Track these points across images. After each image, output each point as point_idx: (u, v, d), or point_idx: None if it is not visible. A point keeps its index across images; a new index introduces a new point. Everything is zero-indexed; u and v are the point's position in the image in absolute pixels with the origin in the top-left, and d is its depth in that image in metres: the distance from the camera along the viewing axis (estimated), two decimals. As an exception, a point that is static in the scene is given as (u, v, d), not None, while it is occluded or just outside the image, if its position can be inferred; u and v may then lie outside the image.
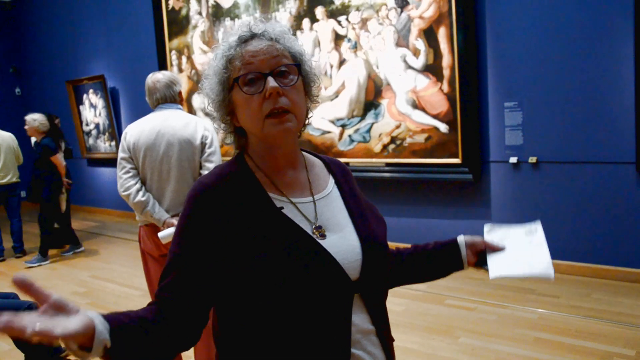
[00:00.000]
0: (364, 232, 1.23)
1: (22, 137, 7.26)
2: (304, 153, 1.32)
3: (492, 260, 1.42)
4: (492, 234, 1.51)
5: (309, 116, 1.28)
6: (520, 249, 1.43)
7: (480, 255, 1.45)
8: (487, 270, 1.41)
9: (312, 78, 1.25)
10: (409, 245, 1.51)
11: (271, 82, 1.13)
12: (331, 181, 1.31)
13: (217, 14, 7.01)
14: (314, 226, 1.18)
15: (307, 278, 1.09)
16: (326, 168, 1.35)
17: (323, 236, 1.17)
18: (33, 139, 7.01)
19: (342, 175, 1.35)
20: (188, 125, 3.05)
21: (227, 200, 1.15)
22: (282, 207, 1.17)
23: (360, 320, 1.16)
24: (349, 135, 5.90)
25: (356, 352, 1.14)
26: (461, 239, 1.47)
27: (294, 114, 1.16)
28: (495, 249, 1.44)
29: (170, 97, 3.11)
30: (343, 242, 1.18)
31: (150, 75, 3.15)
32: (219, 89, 1.19)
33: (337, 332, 1.12)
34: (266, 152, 1.21)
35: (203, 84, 1.24)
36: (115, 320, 0.97)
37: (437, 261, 1.47)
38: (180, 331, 1.10)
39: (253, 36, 1.18)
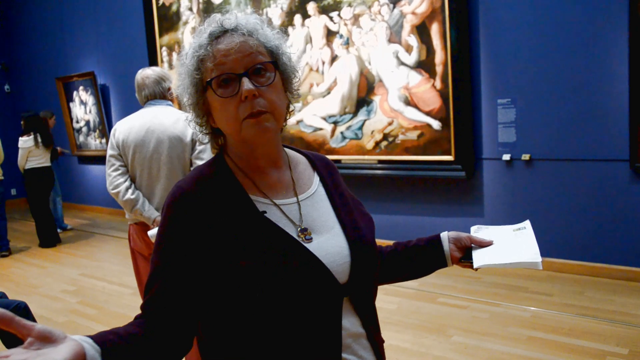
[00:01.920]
0: (352, 232, 1.18)
1: (14, 133, 7.18)
2: (287, 150, 1.27)
3: (477, 252, 1.38)
4: (480, 232, 1.48)
5: (290, 110, 1.22)
6: (507, 243, 1.39)
7: (466, 251, 1.40)
8: (471, 262, 1.37)
9: (292, 72, 1.19)
10: (390, 243, 1.47)
11: (246, 83, 1.07)
12: (316, 179, 1.26)
13: (208, 10, 6.95)
14: (299, 229, 1.14)
15: (294, 284, 1.05)
16: (310, 165, 1.29)
17: (309, 239, 1.13)
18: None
19: (327, 172, 1.30)
20: (178, 122, 3.00)
21: (207, 204, 1.10)
22: (265, 212, 1.12)
23: (350, 324, 1.13)
24: (341, 132, 5.87)
25: (347, 357, 1.11)
26: (444, 235, 1.42)
27: (272, 113, 1.10)
28: (482, 244, 1.39)
29: (160, 94, 3.07)
30: (330, 245, 1.14)
31: (139, 71, 3.11)
32: (192, 90, 1.13)
33: (327, 337, 1.09)
34: (246, 152, 1.16)
35: (177, 84, 1.17)
36: (105, 341, 0.91)
37: (419, 258, 1.43)
38: (171, 343, 1.05)
39: (224, 32, 1.11)
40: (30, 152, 6.97)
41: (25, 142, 6.97)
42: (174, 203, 1.11)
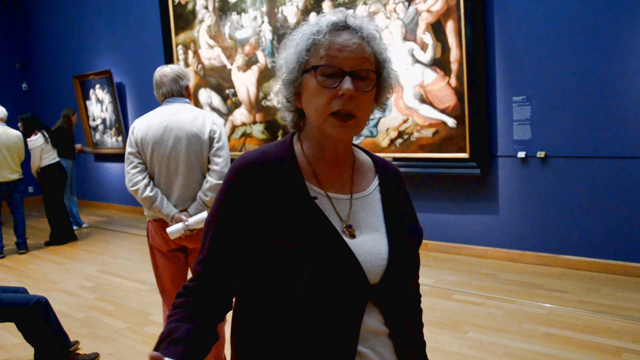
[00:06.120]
0: (396, 239, 1.20)
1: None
2: (355, 150, 1.30)
3: None
4: None
5: (370, 118, 1.26)
6: None
7: None
8: None
9: (388, 88, 1.22)
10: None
11: (347, 83, 1.10)
12: (375, 183, 1.28)
13: (224, 8, 7.00)
14: (344, 224, 1.17)
15: (325, 273, 1.09)
16: (375, 169, 1.31)
17: (352, 236, 1.16)
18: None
19: (389, 179, 1.31)
20: (196, 120, 3.03)
21: (266, 179, 1.15)
22: (316, 198, 1.16)
23: (372, 320, 1.14)
24: (356, 130, 5.87)
25: (363, 349, 1.13)
26: None
27: (358, 119, 1.14)
28: None
29: (177, 92, 3.09)
30: (370, 245, 1.16)
31: (158, 69, 3.14)
32: (295, 67, 1.16)
33: (345, 329, 1.11)
34: (319, 140, 1.21)
35: (279, 55, 1.21)
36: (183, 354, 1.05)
37: None
38: (220, 305, 1.17)
39: (346, 28, 1.14)
40: (43, 149, 7.07)
41: (35, 141, 7.05)
42: (240, 169, 1.17)
